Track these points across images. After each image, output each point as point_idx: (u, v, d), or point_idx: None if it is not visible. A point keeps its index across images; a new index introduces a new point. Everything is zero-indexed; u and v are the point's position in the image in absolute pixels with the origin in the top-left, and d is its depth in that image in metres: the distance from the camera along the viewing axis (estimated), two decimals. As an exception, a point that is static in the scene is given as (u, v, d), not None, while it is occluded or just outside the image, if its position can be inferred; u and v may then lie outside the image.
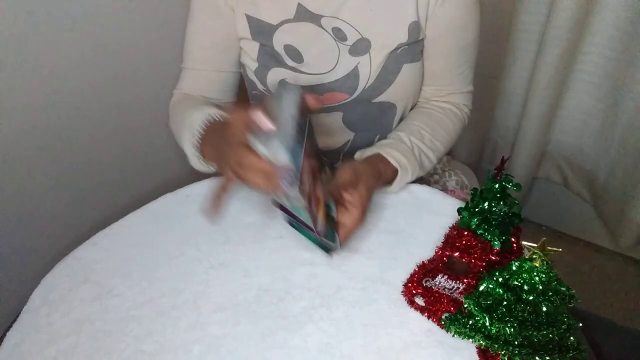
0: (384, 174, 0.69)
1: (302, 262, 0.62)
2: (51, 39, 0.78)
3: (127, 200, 0.99)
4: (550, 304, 0.47)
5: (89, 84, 0.86)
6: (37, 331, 0.55)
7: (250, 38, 0.76)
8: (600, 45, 1.17)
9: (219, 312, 0.57)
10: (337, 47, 0.74)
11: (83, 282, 0.61)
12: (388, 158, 0.70)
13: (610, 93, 1.21)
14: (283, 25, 0.74)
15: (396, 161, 0.70)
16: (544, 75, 1.20)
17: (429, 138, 0.76)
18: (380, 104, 0.79)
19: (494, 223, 0.56)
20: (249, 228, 0.67)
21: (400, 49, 0.75)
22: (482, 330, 0.50)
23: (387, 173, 0.70)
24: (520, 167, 1.39)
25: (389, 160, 0.69)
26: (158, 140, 1.02)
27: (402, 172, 0.70)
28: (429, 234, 0.65)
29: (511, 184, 0.54)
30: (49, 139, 0.84)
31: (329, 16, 0.73)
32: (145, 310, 0.57)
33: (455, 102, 0.83)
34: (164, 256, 0.64)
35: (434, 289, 0.58)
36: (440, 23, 0.74)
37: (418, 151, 0.74)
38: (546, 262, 0.46)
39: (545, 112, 1.26)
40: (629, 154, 1.21)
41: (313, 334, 0.54)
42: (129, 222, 0.69)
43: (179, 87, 0.83)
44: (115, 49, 0.87)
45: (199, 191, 0.74)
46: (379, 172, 0.68)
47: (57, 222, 0.90)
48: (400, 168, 0.70)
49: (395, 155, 0.70)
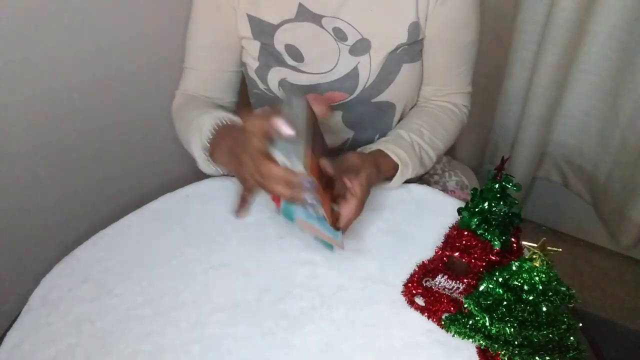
0: (384, 169, 0.69)
1: (302, 262, 0.62)
2: (51, 38, 0.78)
3: (127, 200, 0.99)
4: (550, 304, 0.47)
5: (89, 83, 0.86)
6: (37, 331, 0.55)
7: (252, 37, 0.76)
8: (600, 45, 1.17)
9: (219, 312, 0.57)
10: (338, 47, 0.74)
11: (83, 282, 0.61)
12: (388, 153, 0.70)
13: (610, 93, 1.21)
14: (284, 25, 0.74)
15: (396, 156, 0.70)
16: (544, 75, 1.19)
17: (428, 136, 0.77)
18: (380, 104, 0.79)
19: (494, 223, 0.56)
20: (249, 228, 0.67)
21: (400, 49, 0.75)
22: (482, 330, 0.50)
23: (388, 168, 0.70)
24: (520, 167, 1.39)
25: (389, 155, 0.70)
26: (158, 140, 1.02)
27: (402, 167, 0.70)
28: (429, 234, 0.65)
29: (511, 184, 0.54)
30: (49, 139, 0.84)
31: (330, 16, 0.73)
32: (145, 310, 0.57)
33: (454, 102, 0.83)
34: (164, 256, 0.64)
35: (434, 289, 0.58)
36: (440, 23, 0.74)
37: (418, 147, 0.74)
38: (546, 262, 0.46)
39: (545, 112, 1.26)
40: (629, 154, 1.21)
41: (313, 334, 0.54)
42: (129, 222, 0.69)
43: (181, 87, 0.83)
44: (115, 48, 0.87)
45: (199, 191, 0.74)
46: (380, 166, 0.68)
47: (57, 222, 0.90)
48: (401, 163, 0.70)
49: (395, 151, 0.70)
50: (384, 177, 0.70)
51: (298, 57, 0.75)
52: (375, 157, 0.68)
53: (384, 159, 0.69)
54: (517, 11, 1.22)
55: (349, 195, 0.60)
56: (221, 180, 0.75)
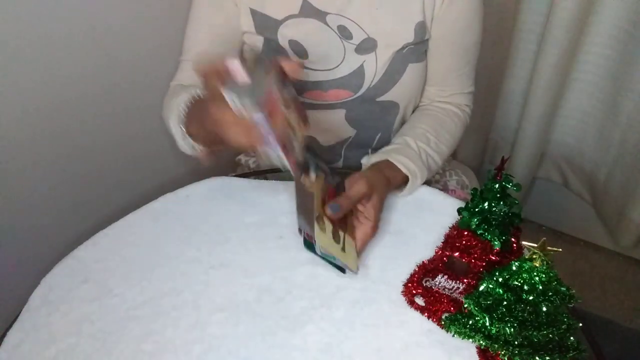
0: (393, 181, 0.68)
1: (302, 262, 0.62)
2: (51, 39, 0.78)
3: (127, 200, 0.98)
4: (550, 304, 0.47)
5: (89, 83, 0.86)
6: (37, 331, 0.55)
7: (255, 32, 0.76)
8: (600, 45, 1.17)
9: (219, 312, 0.57)
10: (343, 45, 0.74)
11: (83, 282, 0.60)
12: (398, 165, 0.69)
13: (610, 93, 1.21)
14: (288, 20, 0.74)
15: (406, 168, 0.69)
16: (544, 75, 1.19)
17: (434, 141, 0.76)
18: (384, 103, 0.79)
19: (494, 223, 0.56)
20: (249, 228, 0.67)
21: (406, 49, 0.75)
22: (482, 330, 0.50)
23: (397, 179, 0.69)
24: (520, 167, 1.39)
25: (398, 167, 0.69)
26: (158, 140, 1.02)
27: (412, 179, 0.70)
28: (429, 234, 0.65)
29: (511, 184, 0.54)
30: (49, 139, 0.84)
31: (334, 13, 0.72)
32: (145, 310, 0.57)
33: (457, 102, 0.83)
34: (164, 256, 0.64)
35: (434, 289, 0.58)
36: (445, 24, 0.74)
37: (425, 155, 0.74)
38: (546, 262, 0.46)
39: (545, 112, 1.26)
40: (629, 154, 1.21)
41: (313, 334, 0.54)
42: (129, 222, 0.69)
43: (176, 79, 0.82)
44: (115, 49, 0.87)
45: (199, 191, 0.74)
46: (389, 179, 0.67)
47: (57, 222, 0.90)
48: (410, 175, 0.69)
49: (404, 162, 0.69)
50: (393, 188, 0.69)
51: (302, 53, 0.75)
52: (384, 172, 0.68)
53: (392, 172, 0.69)
54: (517, 11, 1.23)
55: (363, 218, 0.60)
56: (221, 180, 0.75)
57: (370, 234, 0.61)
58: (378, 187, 0.63)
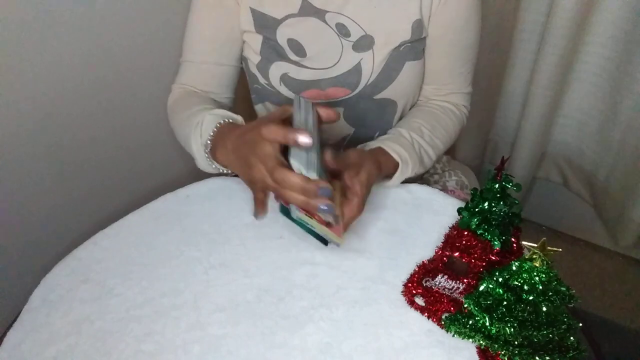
0: (384, 167, 0.68)
1: (302, 262, 0.62)
2: (51, 38, 0.78)
3: (127, 200, 0.99)
4: (550, 304, 0.47)
5: (89, 83, 0.86)
6: (37, 331, 0.55)
7: (254, 31, 0.76)
8: (600, 45, 1.17)
9: (219, 312, 0.57)
10: (341, 42, 0.75)
11: (83, 282, 0.61)
12: (389, 151, 0.70)
13: (610, 93, 1.21)
14: (287, 20, 0.74)
15: (397, 154, 0.70)
16: (544, 75, 1.19)
17: (428, 135, 0.77)
18: (381, 101, 0.79)
19: (494, 223, 0.56)
20: (249, 228, 0.67)
21: (403, 47, 0.75)
22: (482, 330, 0.50)
23: (388, 166, 0.70)
24: (520, 167, 1.39)
25: (390, 153, 0.70)
26: (158, 140, 1.02)
27: (402, 165, 0.70)
28: (429, 234, 0.65)
29: (511, 184, 0.54)
30: (49, 139, 0.84)
31: (333, 12, 0.73)
32: (145, 310, 0.57)
33: (455, 102, 0.84)
34: (164, 256, 0.64)
35: (434, 289, 0.58)
36: (443, 22, 0.75)
37: (418, 146, 0.74)
38: (546, 262, 0.46)
39: (545, 112, 1.26)
40: (629, 154, 1.21)
41: (313, 334, 0.54)
42: (129, 222, 0.69)
43: (178, 81, 0.82)
44: (115, 48, 0.87)
45: (199, 191, 0.74)
46: (380, 164, 0.67)
47: (57, 222, 0.90)
48: (401, 161, 0.70)
49: (396, 149, 0.70)
50: (384, 175, 0.70)
51: (300, 51, 0.75)
52: (376, 155, 0.68)
53: (384, 157, 0.69)
54: (517, 11, 1.22)
55: (350, 194, 0.60)
56: (221, 180, 0.75)
57: (356, 211, 0.59)
58: (367, 164, 0.63)
